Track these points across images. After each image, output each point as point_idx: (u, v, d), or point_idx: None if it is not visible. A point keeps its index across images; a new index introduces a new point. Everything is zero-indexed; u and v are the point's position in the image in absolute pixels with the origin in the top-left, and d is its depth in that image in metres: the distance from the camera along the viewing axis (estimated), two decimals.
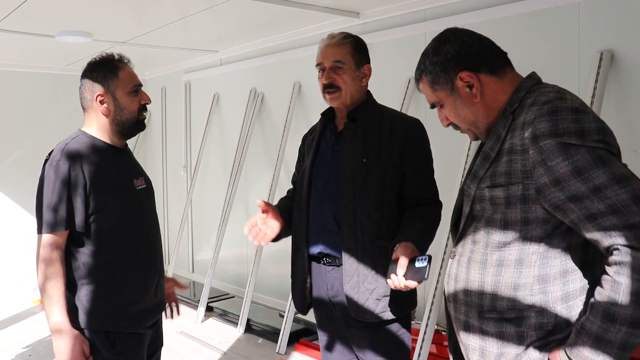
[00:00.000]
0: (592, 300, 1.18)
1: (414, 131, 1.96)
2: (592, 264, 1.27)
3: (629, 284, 1.10)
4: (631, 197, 1.11)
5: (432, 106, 1.45)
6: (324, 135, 2.05)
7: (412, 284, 1.61)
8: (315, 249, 1.97)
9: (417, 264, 1.62)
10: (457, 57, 1.35)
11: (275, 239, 1.99)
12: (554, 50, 2.91)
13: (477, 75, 1.34)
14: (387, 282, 1.67)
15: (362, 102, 1.99)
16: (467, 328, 1.36)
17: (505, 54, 1.40)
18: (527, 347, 1.27)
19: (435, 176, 1.99)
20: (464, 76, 1.34)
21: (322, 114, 2.07)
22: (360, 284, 1.86)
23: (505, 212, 1.28)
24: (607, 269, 1.15)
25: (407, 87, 3.52)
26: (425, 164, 1.96)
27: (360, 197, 1.87)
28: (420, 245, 1.75)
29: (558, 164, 1.17)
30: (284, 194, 2.24)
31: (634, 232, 1.10)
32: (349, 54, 1.94)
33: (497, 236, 1.30)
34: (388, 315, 1.87)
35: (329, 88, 1.93)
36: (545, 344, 1.26)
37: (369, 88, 2.03)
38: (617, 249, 1.12)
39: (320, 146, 2.04)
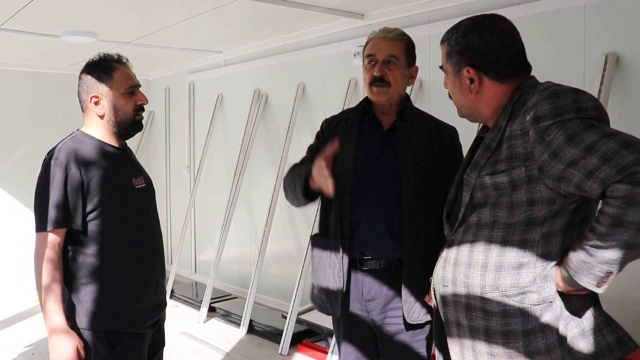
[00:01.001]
0: None
1: (456, 138, 2.00)
2: None
3: (612, 211, 1.18)
4: (620, 144, 1.17)
5: (441, 67, 1.53)
6: (362, 129, 1.96)
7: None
8: (356, 250, 1.90)
9: None
10: (474, 51, 1.41)
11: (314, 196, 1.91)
12: (559, 53, 2.90)
13: (482, 77, 1.41)
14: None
15: (407, 103, 1.97)
16: (470, 309, 1.40)
17: (525, 64, 1.44)
18: (533, 326, 1.31)
19: None
20: (470, 70, 1.41)
21: (362, 105, 1.99)
22: (414, 286, 1.86)
23: (511, 195, 1.33)
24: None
25: (411, 88, 3.52)
26: None
27: (421, 203, 1.86)
28: None
29: (554, 137, 1.24)
30: None
31: (624, 173, 1.16)
32: (403, 52, 1.92)
33: (504, 218, 1.35)
34: (429, 316, 1.89)
35: (378, 81, 1.89)
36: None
37: None
38: (609, 188, 1.19)
39: (360, 140, 1.94)
